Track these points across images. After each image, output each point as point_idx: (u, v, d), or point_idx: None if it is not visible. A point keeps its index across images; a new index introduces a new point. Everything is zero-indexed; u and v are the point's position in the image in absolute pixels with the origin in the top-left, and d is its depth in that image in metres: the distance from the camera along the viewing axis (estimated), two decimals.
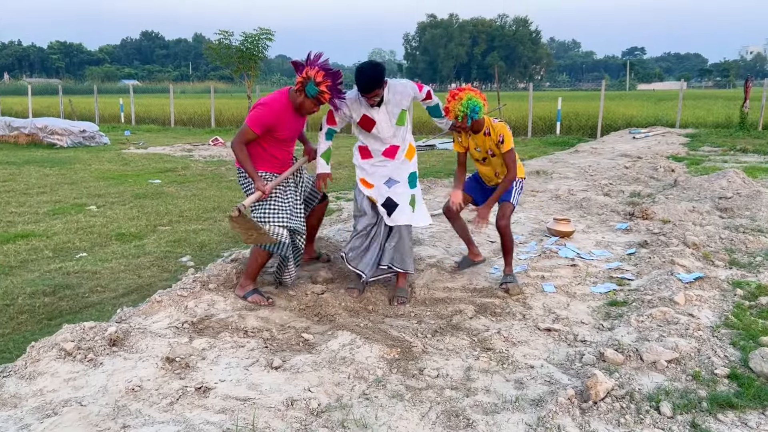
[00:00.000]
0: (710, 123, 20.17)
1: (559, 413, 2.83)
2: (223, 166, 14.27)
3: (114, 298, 5.73)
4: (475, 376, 3.27)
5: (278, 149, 4.31)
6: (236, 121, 27.09)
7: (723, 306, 4.22)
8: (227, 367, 3.26)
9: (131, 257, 6.88)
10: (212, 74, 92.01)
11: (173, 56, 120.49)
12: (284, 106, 4.17)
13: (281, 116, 4.16)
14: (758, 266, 5.09)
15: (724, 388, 3.09)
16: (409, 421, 2.82)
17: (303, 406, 2.88)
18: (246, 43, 24.81)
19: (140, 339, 3.46)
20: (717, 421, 2.84)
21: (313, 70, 3.99)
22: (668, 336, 3.61)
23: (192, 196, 10.36)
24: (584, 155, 12.78)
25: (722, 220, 6.66)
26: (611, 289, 4.62)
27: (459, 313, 4.06)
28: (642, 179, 9.55)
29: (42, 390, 2.90)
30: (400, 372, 3.29)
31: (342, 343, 3.54)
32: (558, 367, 3.40)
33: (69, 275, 6.26)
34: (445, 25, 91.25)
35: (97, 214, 8.88)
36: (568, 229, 6.04)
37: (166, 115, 28.24)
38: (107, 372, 3.09)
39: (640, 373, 3.25)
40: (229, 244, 7.48)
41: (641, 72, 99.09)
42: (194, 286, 4.25)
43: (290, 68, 36.12)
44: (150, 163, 14.48)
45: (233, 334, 3.65)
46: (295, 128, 4.31)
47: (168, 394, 2.93)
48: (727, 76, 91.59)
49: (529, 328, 3.89)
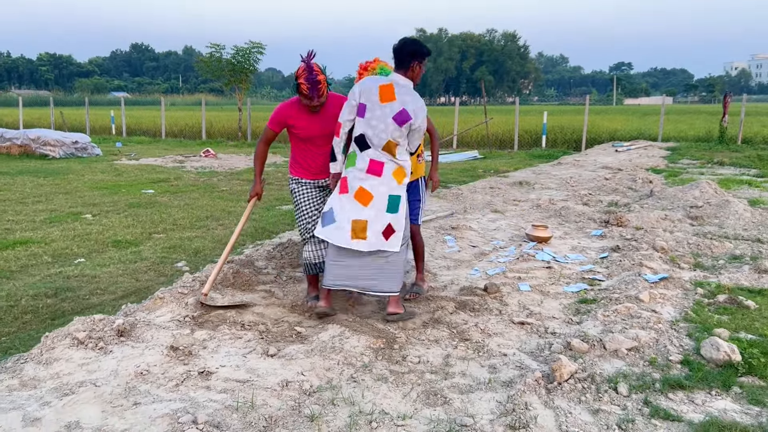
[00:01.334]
0: (691, 137, 20.73)
1: (526, 392, 3.15)
2: (215, 176, 14.55)
3: (114, 300, 6.00)
4: (453, 362, 3.60)
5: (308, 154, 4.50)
6: (227, 133, 27.39)
7: (684, 303, 4.57)
8: (227, 354, 3.57)
9: (128, 262, 7.15)
10: (202, 87, 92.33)
11: (163, 68, 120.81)
12: (294, 101, 4.44)
13: (291, 111, 4.40)
14: (720, 268, 5.46)
15: (676, 372, 3.43)
16: (392, 399, 3.13)
17: (297, 387, 3.19)
18: (237, 56, 25.25)
19: (145, 330, 3.76)
20: (667, 399, 3.17)
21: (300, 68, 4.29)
22: (630, 328, 3.95)
23: (185, 206, 10.63)
24: (567, 167, 13.20)
25: (692, 227, 7.05)
26: (582, 288, 4.97)
27: (440, 309, 4.39)
28: (620, 190, 9.96)
29: (58, 373, 3.20)
30: (384, 359, 3.61)
31: (332, 334, 3.86)
32: (528, 355, 3.73)
33: (69, 279, 6.52)
34: (434, 40, 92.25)
35: (93, 222, 9.14)
36: (546, 234, 6.40)
37: (157, 126, 28.50)
38: (117, 358, 3.39)
39: (602, 360, 3.58)
40: (222, 250, 7.76)
41: (628, 87, 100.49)
42: (194, 284, 4.55)
43: (280, 81, 36.32)
44: (142, 174, 14.73)
45: (231, 327, 3.95)
46: (313, 127, 4.42)
47: (173, 377, 3.24)
48: (712, 91, 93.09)
49: (504, 322, 4.23)
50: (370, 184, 4.18)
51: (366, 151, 4.21)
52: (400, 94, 4.16)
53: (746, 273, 5.22)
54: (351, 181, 4.23)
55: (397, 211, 4.21)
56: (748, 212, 7.38)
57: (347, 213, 4.17)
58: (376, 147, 4.18)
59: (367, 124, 4.17)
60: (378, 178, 4.19)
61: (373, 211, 4.16)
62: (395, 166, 4.23)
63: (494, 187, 10.22)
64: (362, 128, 4.19)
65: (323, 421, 2.90)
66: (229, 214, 10.01)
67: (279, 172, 15.37)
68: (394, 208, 4.21)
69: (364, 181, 4.19)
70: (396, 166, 4.23)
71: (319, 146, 4.48)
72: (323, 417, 2.93)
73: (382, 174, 4.18)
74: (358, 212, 4.16)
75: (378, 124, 4.15)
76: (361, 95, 4.20)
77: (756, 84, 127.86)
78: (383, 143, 4.17)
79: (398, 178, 4.23)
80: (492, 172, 13.95)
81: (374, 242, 4.14)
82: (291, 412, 2.97)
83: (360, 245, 4.13)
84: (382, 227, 4.15)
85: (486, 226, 7.32)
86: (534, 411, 3.00)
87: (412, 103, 4.16)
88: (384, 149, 4.18)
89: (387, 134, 4.15)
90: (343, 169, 4.34)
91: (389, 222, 4.18)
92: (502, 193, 9.73)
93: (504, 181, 11.15)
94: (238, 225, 4.56)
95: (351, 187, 4.22)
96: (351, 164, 4.27)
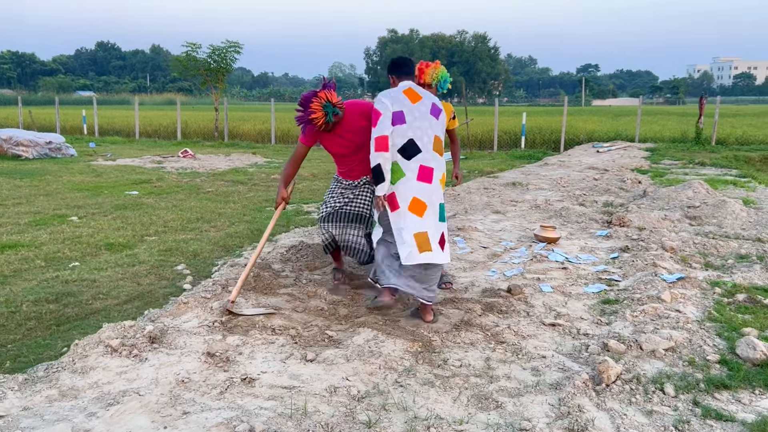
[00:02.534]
0: (667, 137, 21.10)
1: (576, 394, 3.14)
2: (197, 177, 14.34)
3: (118, 305, 5.85)
4: (494, 365, 3.58)
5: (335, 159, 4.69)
6: (203, 133, 27.03)
7: (705, 303, 4.62)
8: (264, 360, 3.48)
9: (126, 266, 6.99)
10: (171, 86, 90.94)
11: (130, 67, 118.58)
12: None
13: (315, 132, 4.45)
14: (730, 268, 5.54)
15: (716, 372, 3.46)
16: (443, 404, 3.09)
17: (344, 392, 3.13)
18: (213, 55, 24.93)
19: (177, 337, 3.65)
20: (714, 399, 3.19)
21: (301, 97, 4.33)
22: (662, 328, 3.98)
23: (173, 207, 10.45)
24: (554, 168, 13.32)
25: (692, 227, 7.16)
26: (602, 289, 5.00)
27: (469, 311, 4.36)
28: (612, 190, 10.08)
29: (97, 383, 3.08)
30: (426, 363, 3.56)
31: (366, 338, 3.80)
32: (567, 356, 3.72)
33: (68, 283, 6.33)
34: (405, 40, 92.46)
35: (81, 225, 8.92)
36: (554, 235, 6.42)
37: (131, 126, 27.99)
38: (155, 366, 3.29)
39: (642, 361, 3.60)
40: (221, 253, 7.63)
41: (596, 88, 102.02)
42: (215, 288, 4.45)
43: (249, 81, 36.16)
44: (123, 175, 14.44)
45: (262, 332, 3.87)
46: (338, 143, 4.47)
47: (216, 385, 3.14)
48: (677, 93, 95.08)
49: (534, 324, 4.22)
50: (423, 193, 4.07)
51: (414, 157, 4.07)
52: (423, 93, 4.22)
53: (758, 272, 5.30)
54: (401, 194, 4.08)
55: (445, 220, 4.22)
56: (744, 212, 7.52)
57: (408, 228, 4.04)
58: (426, 149, 4.09)
59: (411, 128, 4.08)
60: (429, 185, 4.09)
61: (429, 220, 4.08)
62: (441, 171, 4.19)
63: (488, 188, 10.25)
64: (408, 133, 4.06)
65: (380, 427, 2.84)
66: (220, 215, 9.86)
67: (262, 173, 15.19)
68: (444, 216, 4.20)
69: (417, 190, 4.07)
70: (442, 171, 4.21)
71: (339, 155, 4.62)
72: (380, 423, 2.88)
73: (432, 181, 4.10)
74: (417, 224, 4.05)
75: (422, 124, 4.11)
76: (393, 104, 4.10)
77: (718, 86, 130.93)
78: (432, 141, 4.13)
79: (443, 184, 4.22)
80: (477, 173, 14.00)
81: (438, 254, 4.08)
82: (345, 419, 2.90)
83: (428, 257, 4.03)
84: (438, 237, 4.11)
85: (491, 227, 7.32)
86: (589, 413, 2.98)
87: (434, 98, 4.27)
88: (434, 149, 4.15)
89: (432, 130, 4.13)
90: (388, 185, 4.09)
91: (442, 231, 4.15)
92: (498, 194, 9.76)
93: (496, 182, 11.19)
94: (266, 232, 4.48)
95: (402, 200, 4.07)
96: (399, 176, 4.09)
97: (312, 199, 11.50)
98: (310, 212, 10.08)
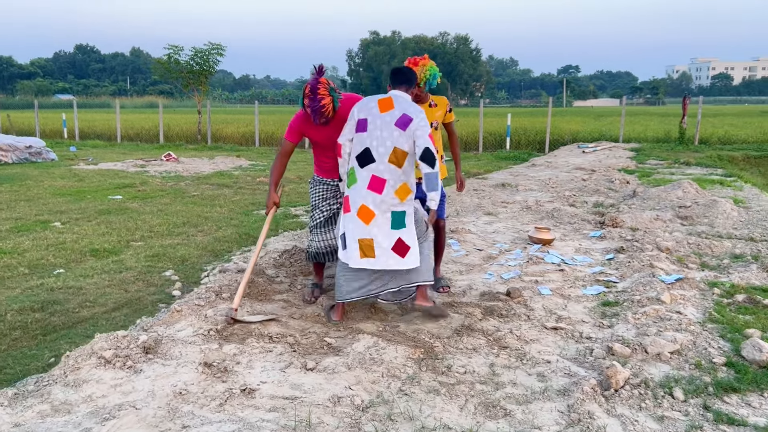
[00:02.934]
0: (650, 138, 21.23)
1: (585, 401, 3.08)
2: (182, 181, 14.16)
3: (106, 313, 5.70)
4: (499, 371, 3.50)
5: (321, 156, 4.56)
6: (185, 136, 26.76)
7: (704, 304, 4.59)
8: (263, 369, 3.37)
9: (113, 272, 6.83)
10: (151, 89, 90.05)
11: (110, 70, 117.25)
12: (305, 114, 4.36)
13: (304, 125, 4.40)
14: (726, 268, 5.53)
15: (724, 375, 3.41)
16: (450, 413, 3.01)
17: (348, 402, 3.04)
18: (196, 57, 24.68)
19: (172, 346, 3.53)
20: (724, 403, 3.14)
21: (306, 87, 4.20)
22: (665, 331, 3.93)
23: (158, 212, 10.29)
24: (541, 168, 13.32)
25: (684, 227, 7.15)
26: (601, 291, 4.95)
27: (469, 315, 4.28)
28: (601, 191, 10.07)
29: (91, 396, 2.95)
30: (429, 370, 3.48)
31: (366, 345, 3.71)
32: (572, 361, 3.66)
33: (53, 291, 6.18)
34: (388, 42, 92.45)
35: (65, 231, 8.74)
36: (549, 237, 6.37)
37: (112, 130, 27.62)
38: (150, 378, 3.17)
39: (648, 364, 3.54)
40: (209, 258, 7.50)
41: (577, 89, 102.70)
42: (208, 295, 4.33)
43: (231, 83, 36.03)
44: (105, 179, 14.21)
45: (259, 340, 3.76)
46: (322, 136, 4.40)
47: (215, 396, 3.03)
48: (657, 93, 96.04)
49: (536, 328, 4.15)
50: (372, 201, 4.07)
51: (368, 166, 4.07)
52: (399, 103, 4.11)
53: (755, 272, 5.29)
54: (353, 199, 4.15)
55: (405, 226, 4.11)
56: (735, 211, 7.53)
57: (352, 232, 4.12)
58: (380, 159, 4.04)
59: (370, 136, 4.07)
60: (378, 195, 4.06)
61: (375, 228, 4.07)
62: (398, 184, 4.07)
63: (478, 190, 10.20)
64: (365, 142, 4.08)
65: None
66: (206, 219, 9.72)
67: (247, 176, 15.03)
68: (400, 223, 4.09)
69: (366, 198, 4.08)
70: (399, 182, 4.07)
71: (330, 149, 4.46)
72: None
73: (382, 191, 4.05)
74: (362, 230, 4.10)
75: (381, 133, 4.04)
76: (360, 112, 4.14)
77: (696, 86, 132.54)
78: (389, 152, 4.03)
79: (401, 195, 4.09)
80: (464, 174, 13.97)
81: (384, 261, 4.08)
82: (351, 430, 2.81)
83: (369, 263, 4.08)
84: (391, 244, 4.07)
85: (484, 229, 7.26)
86: (599, 420, 2.92)
87: (412, 107, 4.10)
88: (390, 161, 4.03)
89: (392, 141, 4.03)
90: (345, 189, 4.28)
91: (398, 237, 4.08)
92: (488, 195, 9.71)
93: (485, 183, 11.15)
94: (260, 238, 4.38)
95: (353, 205, 4.14)
96: (352, 182, 4.16)
97: (299, 202, 11.38)
98: (298, 215, 9.97)
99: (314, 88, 4.09)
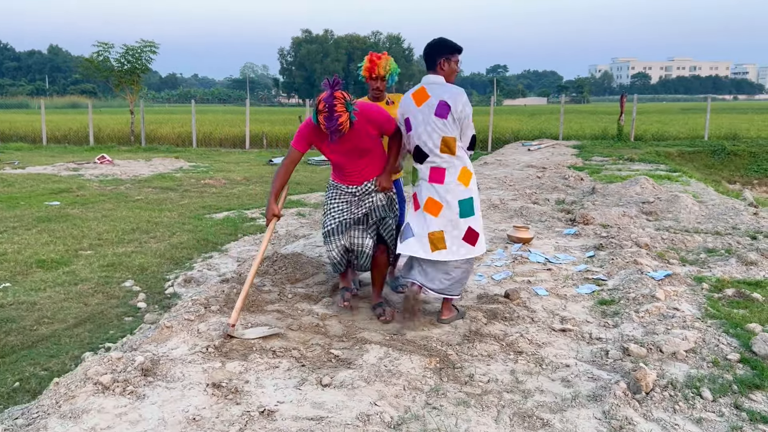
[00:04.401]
0: (588, 135, 21.83)
1: (620, 406, 2.99)
2: (122, 185, 13.52)
3: (67, 329, 5.30)
4: (522, 378, 3.37)
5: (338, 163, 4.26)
6: (117, 137, 25.64)
7: (697, 299, 4.62)
8: (276, 388, 3.12)
9: (67, 285, 6.38)
10: (72, 88, 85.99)
11: (26, 69, 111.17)
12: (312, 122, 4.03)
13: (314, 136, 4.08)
14: (705, 262, 5.62)
15: (742, 372, 3.40)
16: (487, 426, 2.85)
17: (378, 420, 2.83)
18: (127, 55, 23.64)
19: (171, 367, 3.22)
20: (751, 401, 3.12)
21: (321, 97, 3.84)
22: (672, 329, 3.91)
23: (103, 218, 9.75)
24: (494, 167, 13.39)
25: (651, 222, 7.27)
26: (594, 289, 4.91)
27: (473, 320, 4.15)
28: (560, 187, 10.18)
29: (95, 428, 2.63)
30: (451, 380, 3.32)
31: (377, 356, 3.51)
32: (591, 364, 3.57)
33: (4, 308, 5.71)
34: (320, 41, 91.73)
35: (3, 241, 8.14)
36: (528, 235, 6.33)
37: (36, 132, 26.14)
38: (157, 403, 2.86)
39: (666, 364, 3.50)
40: (170, 266, 7.12)
41: (506, 88, 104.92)
42: (197, 309, 4.01)
43: (157, 82, 34.87)
44: (37, 184, 13.40)
45: (263, 356, 3.49)
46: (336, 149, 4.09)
47: (233, 421, 2.77)
48: (582, 92, 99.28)
49: (544, 330, 4.06)
50: (437, 193, 4.05)
51: (425, 161, 4.09)
52: (433, 90, 4.03)
53: (735, 266, 5.39)
54: (419, 195, 4.14)
55: (474, 214, 4.11)
56: (697, 206, 7.73)
57: (421, 228, 4.08)
58: (433, 153, 4.03)
59: (416, 133, 4.06)
60: (441, 185, 4.03)
61: (445, 219, 4.03)
62: (457, 169, 4.04)
63: None
64: (414, 140, 4.09)
65: None
66: (157, 225, 9.27)
67: (191, 178, 14.48)
68: (469, 211, 4.07)
69: (430, 190, 4.08)
70: (458, 169, 4.04)
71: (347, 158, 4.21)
72: None
73: (444, 181, 4.03)
74: (432, 224, 4.04)
75: (425, 127, 4.00)
76: (403, 113, 4.15)
77: (617, 85, 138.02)
78: (439, 143, 3.99)
79: (464, 180, 4.07)
80: None
81: (456, 250, 4.03)
82: None
83: (441, 255, 4.02)
84: (461, 233, 4.04)
85: None
86: (640, 426, 2.84)
87: (447, 92, 3.99)
88: (443, 151, 4.01)
89: (438, 132, 3.98)
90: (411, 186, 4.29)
91: (468, 226, 4.06)
92: None
93: None
94: (260, 250, 4.08)
95: (420, 200, 4.13)
96: (416, 178, 4.20)
97: (252, 204, 11.02)
98: (255, 219, 9.62)
99: (331, 106, 3.71)
